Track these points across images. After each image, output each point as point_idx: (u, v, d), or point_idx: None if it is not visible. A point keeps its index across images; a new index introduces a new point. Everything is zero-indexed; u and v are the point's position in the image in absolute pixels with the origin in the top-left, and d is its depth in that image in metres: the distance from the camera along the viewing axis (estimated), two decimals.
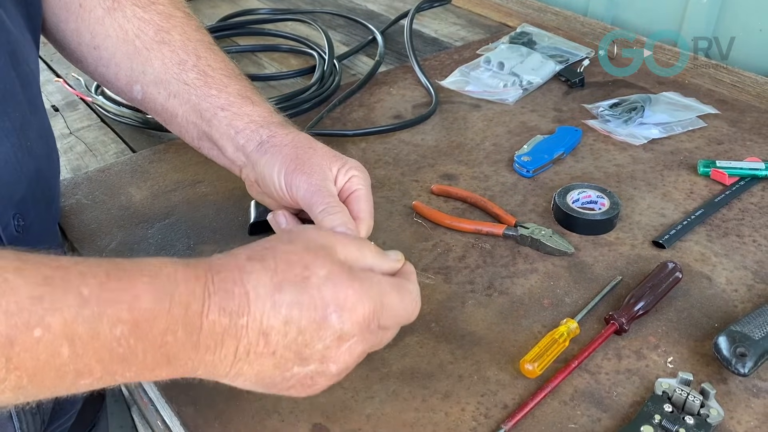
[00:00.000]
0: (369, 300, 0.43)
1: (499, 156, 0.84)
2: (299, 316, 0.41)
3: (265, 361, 0.42)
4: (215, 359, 0.41)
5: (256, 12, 1.26)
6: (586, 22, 1.21)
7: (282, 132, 0.61)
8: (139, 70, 0.64)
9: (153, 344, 0.38)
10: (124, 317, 0.37)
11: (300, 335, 0.42)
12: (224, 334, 0.40)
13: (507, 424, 0.51)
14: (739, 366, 0.53)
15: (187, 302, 0.39)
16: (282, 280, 0.42)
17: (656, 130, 0.87)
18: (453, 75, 1.02)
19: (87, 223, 0.74)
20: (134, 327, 0.37)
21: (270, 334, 0.41)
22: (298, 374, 0.43)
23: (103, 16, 0.63)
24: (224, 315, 0.40)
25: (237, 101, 0.62)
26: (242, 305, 0.40)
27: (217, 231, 0.72)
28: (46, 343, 0.35)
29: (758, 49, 1.06)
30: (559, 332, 0.57)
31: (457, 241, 0.70)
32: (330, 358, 0.43)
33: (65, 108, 0.98)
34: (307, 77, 1.05)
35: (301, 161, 0.58)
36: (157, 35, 0.64)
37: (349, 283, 0.43)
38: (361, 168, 0.60)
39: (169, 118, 0.66)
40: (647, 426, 0.49)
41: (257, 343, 0.41)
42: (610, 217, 0.70)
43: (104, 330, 0.36)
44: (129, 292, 0.38)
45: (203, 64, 0.63)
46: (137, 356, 0.38)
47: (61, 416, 0.72)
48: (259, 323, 0.41)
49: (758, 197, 0.75)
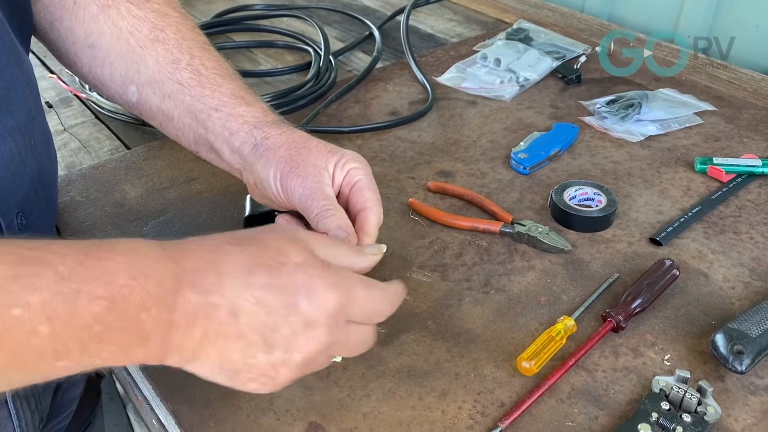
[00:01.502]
0: (338, 291, 0.43)
1: (495, 153, 0.84)
2: (270, 298, 0.41)
3: (232, 344, 0.41)
4: (184, 341, 0.41)
5: (251, 8, 1.26)
6: (583, 19, 1.21)
7: (275, 133, 0.60)
8: (133, 69, 0.63)
9: (129, 322, 0.38)
10: (101, 293, 0.37)
11: (269, 317, 0.42)
12: (196, 314, 0.40)
13: (504, 422, 0.51)
14: (737, 363, 0.53)
15: (162, 279, 0.39)
16: (256, 263, 0.42)
17: (653, 126, 0.87)
18: (449, 71, 1.02)
19: (81, 220, 0.73)
20: (111, 303, 0.37)
21: (239, 315, 0.41)
22: (262, 362, 0.43)
23: (97, 13, 0.63)
24: (197, 293, 0.40)
25: (230, 101, 0.62)
26: (215, 284, 0.41)
27: (212, 228, 0.72)
28: (25, 321, 0.35)
29: (755, 45, 1.06)
30: (556, 330, 0.57)
31: (453, 239, 0.70)
32: (295, 345, 0.43)
33: (59, 104, 0.97)
34: (303, 73, 1.04)
35: (295, 163, 0.57)
36: (152, 33, 0.63)
37: (321, 273, 0.43)
38: (359, 158, 0.59)
39: (165, 120, 0.65)
40: (644, 424, 0.49)
41: (227, 323, 0.41)
42: (607, 215, 0.70)
43: (82, 306, 0.36)
44: (106, 269, 0.38)
45: (197, 63, 0.63)
46: (113, 335, 0.38)
47: (58, 414, 0.72)
48: (230, 303, 0.41)
49: (755, 194, 0.75)
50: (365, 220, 0.57)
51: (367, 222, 0.57)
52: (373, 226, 0.57)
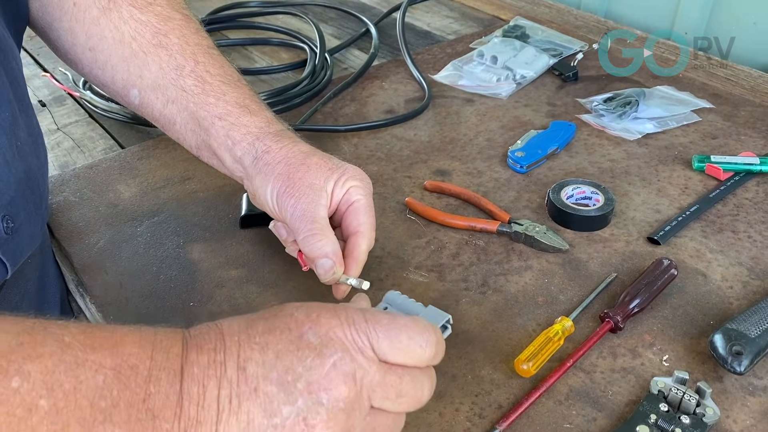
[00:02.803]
0: (344, 316, 0.41)
1: (492, 151, 0.83)
2: (275, 340, 0.39)
3: (250, 405, 0.38)
4: (200, 415, 0.37)
5: (246, 5, 1.25)
6: (580, 15, 1.20)
7: (276, 147, 0.59)
8: (136, 74, 0.62)
9: (136, 396, 0.36)
10: (107, 363, 0.36)
11: (279, 360, 0.38)
12: (204, 376, 0.38)
13: (501, 424, 0.50)
14: (735, 364, 0.53)
15: (168, 347, 0.38)
16: (254, 317, 0.41)
17: (650, 124, 0.87)
18: (446, 69, 1.01)
19: (75, 221, 0.73)
20: (117, 374, 0.35)
21: (248, 366, 0.38)
22: (288, 418, 0.38)
23: (98, 16, 0.62)
24: (202, 353, 0.39)
25: (234, 111, 0.61)
26: (218, 342, 0.40)
27: (207, 228, 0.71)
28: (23, 394, 0.33)
29: (753, 43, 1.05)
30: (553, 330, 0.57)
31: (450, 238, 0.69)
32: (317, 383, 0.38)
33: (52, 103, 0.96)
34: (299, 71, 1.04)
35: (291, 182, 0.56)
36: (155, 38, 0.62)
37: (321, 305, 0.42)
38: (361, 177, 0.58)
39: (167, 124, 0.64)
40: (643, 426, 0.49)
41: (237, 380, 0.38)
42: (605, 213, 0.70)
43: (87, 377, 0.34)
44: (111, 339, 0.37)
45: (201, 69, 0.62)
46: (120, 412, 0.35)
47: None
48: (236, 356, 0.39)
49: (753, 192, 0.75)
50: (356, 246, 0.56)
51: (357, 248, 0.56)
52: (363, 253, 0.57)
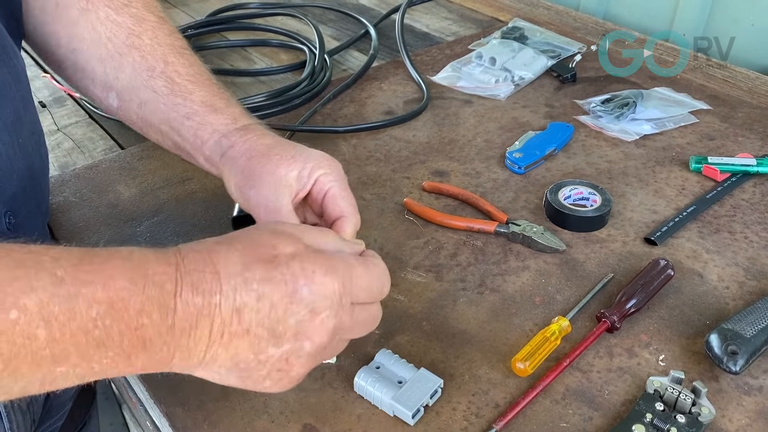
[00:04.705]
0: (337, 273, 0.43)
1: (490, 152, 0.83)
2: (271, 290, 0.41)
3: (240, 342, 0.41)
4: (190, 343, 0.40)
5: (246, 6, 1.25)
6: (578, 17, 1.20)
7: (240, 141, 0.59)
8: (112, 75, 0.63)
9: (128, 326, 0.38)
10: (100, 297, 0.37)
11: (273, 310, 0.41)
12: (198, 315, 0.40)
13: (498, 423, 0.51)
14: (731, 364, 0.53)
15: (161, 282, 0.39)
16: (250, 259, 0.42)
17: (648, 126, 0.87)
18: (444, 70, 1.02)
19: (75, 221, 0.73)
20: (109, 307, 0.37)
21: (243, 311, 0.41)
22: (273, 356, 0.42)
23: (78, 17, 0.62)
24: (197, 294, 0.40)
25: (201, 110, 0.61)
26: (214, 284, 0.40)
27: (206, 228, 0.71)
28: (22, 325, 0.35)
29: (751, 45, 1.06)
30: (550, 330, 0.57)
31: (448, 239, 0.70)
32: (303, 333, 0.42)
33: (52, 104, 0.97)
34: (298, 72, 1.04)
35: (250, 173, 0.57)
36: (128, 39, 0.62)
37: (315, 259, 0.43)
38: (327, 162, 0.57)
39: (144, 126, 0.65)
40: (639, 425, 0.49)
41: (231, 322, 0.41)
42: (602, 214, 0.70)
43: (80, 310, 0.36)
44: (103, 273, 0.38)
45: (170, 70, 0.62)
46: (113, 339, 0.37)
47: (51, 416, 0.71)
48: (232, 300, 0.40)
49: (750, 193, 0.75)
50: (340, 230, 0.57)
51: (343, 233, 0.57)
52: (349, 236, 0.57)
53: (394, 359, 0.55)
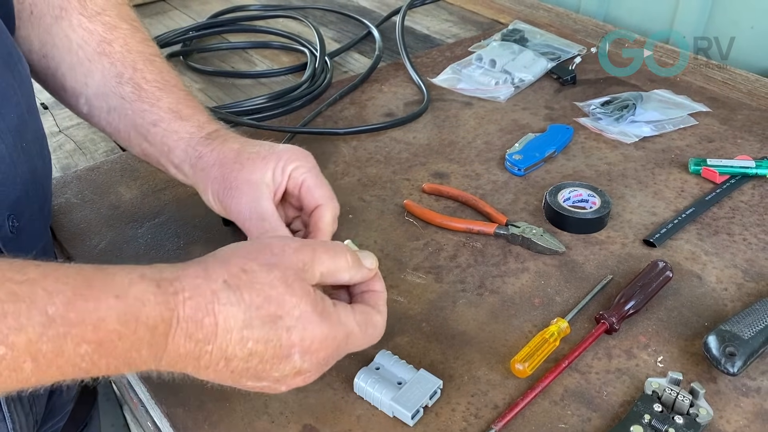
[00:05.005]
0: (334, 341, 0.45)
1: (490, 154, 0.84)
2: (264, 350, 0.43)
3: (223, 374, 0.44)
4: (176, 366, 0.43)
5: (247, 8, 1.26)
6: (578, 19, 1.21)
7: (207, 150, 0.59)
8: (82, 81, 0.63)
9: (116, 359, 0.39)
10: (89, 337, 0.38)
11: (260, 365, 0.43)
12: (188, 356, 0.41)
13: (497, 424, 0.51)
14: (729, 365, 0.53)
15: (155, 325, 0.40)
16: (253, 314, 0.42)
17: (648, 128, 0.87)
18: (445, 72, 1.02)
19: (76, 222, 0.73)
20: (98, 346, 0.38)
21: (232, 360, 0.42)
22: (251, 386, 0.45)
23: (51, 24, 0.63)
24: (190, 341, 0.41)
25: (167, 116, 0.61)
26: (210, 335, 0.41)
27: (207, 230, 0.72)
28: (9, 360, 0.36)
29: (751, 47, 1.06)
30: (549, 332, 0.57)
31: (448, 240, 0.70)
32: (283, 383, 0.45)
33: (54, 106, 0.97)
34: (299, 74, 1.04)
35: (228, 183, 0.57)
36: (99, 46, 0.63)
37: (318, 326, 0.44)
38: (298, 155, 0.58)
39: (114, 133, 0.65)
40: (637, 426, 0.49)
41: (217, 364, 0.42)
42: (601, 216, 0.70)
43: (68, 348, 0.37)
44: (95, 313, 0.38)
45: (138, 77, 0.63)
46: (100, 369, 0.39)
47: (53, 416, 0.72)
48: (223, 352, 0.42)
49: (749, 195, 0.76)
50: (320, 218, 0.57)
51: (322, 219, 0.57)
52: (328, 224, 0.57)
53: (393, 360, 0.55)
